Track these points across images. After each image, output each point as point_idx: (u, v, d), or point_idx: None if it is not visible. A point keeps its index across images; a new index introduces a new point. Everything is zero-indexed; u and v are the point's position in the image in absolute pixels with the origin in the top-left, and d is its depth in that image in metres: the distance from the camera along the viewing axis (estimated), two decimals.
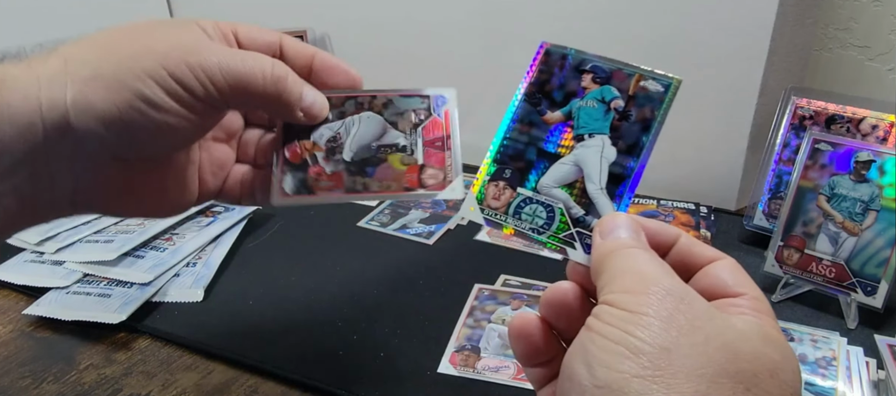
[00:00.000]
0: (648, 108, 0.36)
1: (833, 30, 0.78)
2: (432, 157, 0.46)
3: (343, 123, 0.46)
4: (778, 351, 0.29)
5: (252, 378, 0.55)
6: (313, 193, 0.44)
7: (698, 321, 0.28)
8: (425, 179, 0.45)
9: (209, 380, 0.55)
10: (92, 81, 0.35)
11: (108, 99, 0.35)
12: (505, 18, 0.85)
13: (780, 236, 0.63)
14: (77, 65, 0.36)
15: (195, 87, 0.37)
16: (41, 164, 0.36)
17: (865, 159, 0.59)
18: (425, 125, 0.47)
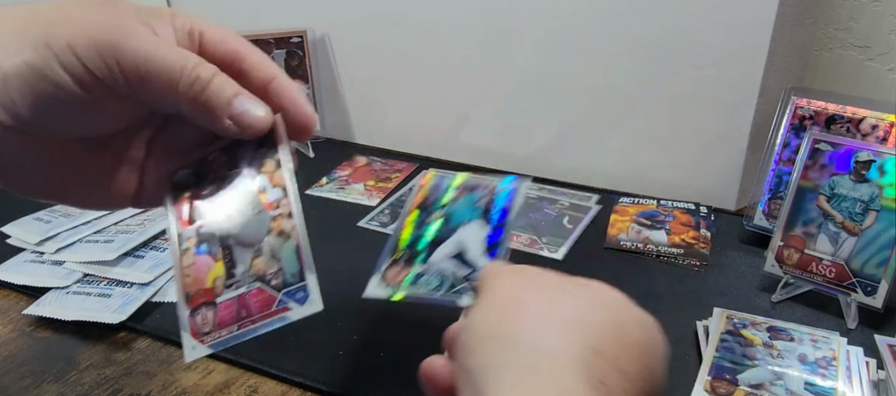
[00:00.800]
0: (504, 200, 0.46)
1: (833, 30, 0.78)
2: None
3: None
4: (632, 308, 0.35)
5: (252, 378, 0.55)
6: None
7: (559, 281, 0.36)
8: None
9: (209, 380, 0.55)
10: (5, 37, 0.34)
11: (8, 59, 0.34)
12: (505, 18, 0.85)
13: (780, 236, 0.63)
14: (5, 20, 0.35)
15: (98, 67, 0.35)
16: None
17: (865, 159, 0.59)
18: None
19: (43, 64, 0.34)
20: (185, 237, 0.39)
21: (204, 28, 0.40)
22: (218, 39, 0.41)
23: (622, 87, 0.81)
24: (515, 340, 0.31)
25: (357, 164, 0.95)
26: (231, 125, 0.38)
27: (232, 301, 0.37)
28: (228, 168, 0.40)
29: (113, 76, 0.35)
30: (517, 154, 0.91)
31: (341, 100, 1.02)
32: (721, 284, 0.66)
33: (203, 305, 0.37)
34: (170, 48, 0.37)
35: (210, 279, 0.37)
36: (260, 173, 0.40)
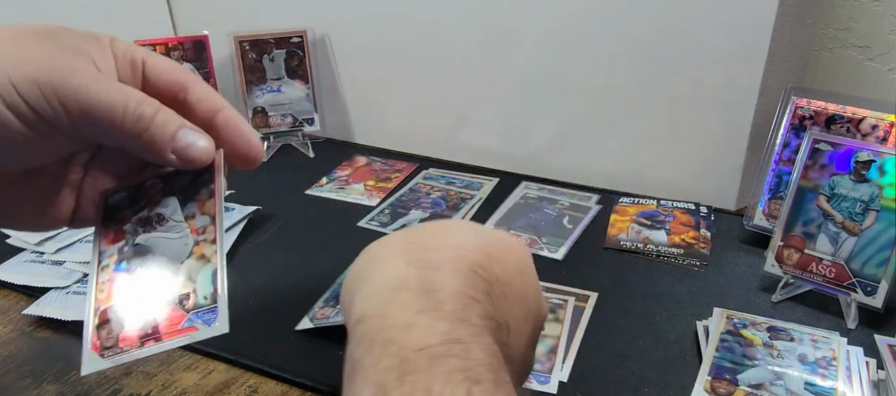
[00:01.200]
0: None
1: (833, 30, 0.78)
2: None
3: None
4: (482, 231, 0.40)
5: (252, 378, 0.55)
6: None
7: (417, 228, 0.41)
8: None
9: (209, 380, 0.55)
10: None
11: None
12: (505, 18, 0.85)
13: (780, 236, 0.63)
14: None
15: (41, 106, 0.34)
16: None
17: (865, 159, 0.59)
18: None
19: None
20: (107, 254, 0.40)
21: (146, 57, 0.40)
22: (162, 69, 0.40)
23: (622, 87, 0.81)
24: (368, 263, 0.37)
25: (357, 164, 0.95)
26: (174, 158, 0.38)
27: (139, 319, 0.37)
28: (163, 194, 0.41)
29: (56, 115, 0.35)
30: (517, 154, 0.91)
31: (341, 100, 1.02)
32: (721, 284, 0.66)
33: (110, 320, 0.37)
34: (112, 85, 0.36)
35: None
36: (193, 200, 0.40)
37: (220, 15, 1.05)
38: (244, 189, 0.83)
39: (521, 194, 0.84)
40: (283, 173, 0.93)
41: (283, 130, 0.99)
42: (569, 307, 0.62)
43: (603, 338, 0.58)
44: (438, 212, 0.80)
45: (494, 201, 0.83)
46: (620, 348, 0.57)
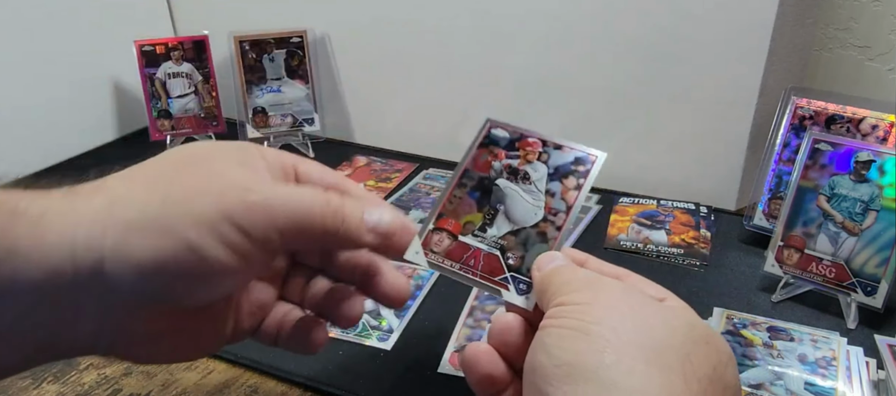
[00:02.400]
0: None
1: (833, 30, 0.78)
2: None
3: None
4: (705, 325, 0.34)
5: (252, 378, 0.55)
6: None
7: (638, 306, 0.33)
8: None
9: (209, 380, 0.55)
10: (136, 225, 0.32)
11: (152, 246, 0.31)
12: (505, 18, 0.85)
13: (780, 236, 0.63)
14: (122, 206, 0.32)
15: (255, 231, 0.33)
16: (66, 304, 0.32)
17: (865, 159, 0.59)
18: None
19: (201, 244, 0.32)
20: (469, 176, 0.43)
21: (297, 163, 0.40)
22: (316, 175, 0.40)
23: (622, 87, 0.81)
24: (600, 377, 0.29)
25: (357, 164, 0.95)
26: (371, 238, 0.38)
27: (468, 247, 0.41)
28: (538, 159, 0.44)
29: (267, 236, 0.33)
30: None
31: (341, 100, 1.02)
32: (721, 284, 0.66)
33: (446, 231, 0.41)
34: (303, 191, 0.36)
35: (464, 219, 0.42)
36: (559, 181, 0.43)
37: (220, 15, 1.05)
38: None
39: None
40: None
41: (283, 131, 0.99)
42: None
43: None
44: None
45: None
46: None
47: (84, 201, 0.33)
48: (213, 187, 0.33)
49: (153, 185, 0.34)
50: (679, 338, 0.32)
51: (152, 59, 0.98)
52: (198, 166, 0.35)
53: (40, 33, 0.93)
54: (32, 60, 0.92)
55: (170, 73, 0.99)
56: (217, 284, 0.34)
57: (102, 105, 1.03)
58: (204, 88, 1.00)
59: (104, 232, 0.31)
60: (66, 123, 0.97)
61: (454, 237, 0.41)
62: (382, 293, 0.41)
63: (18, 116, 0.91)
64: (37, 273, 0.30)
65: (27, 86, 0.92)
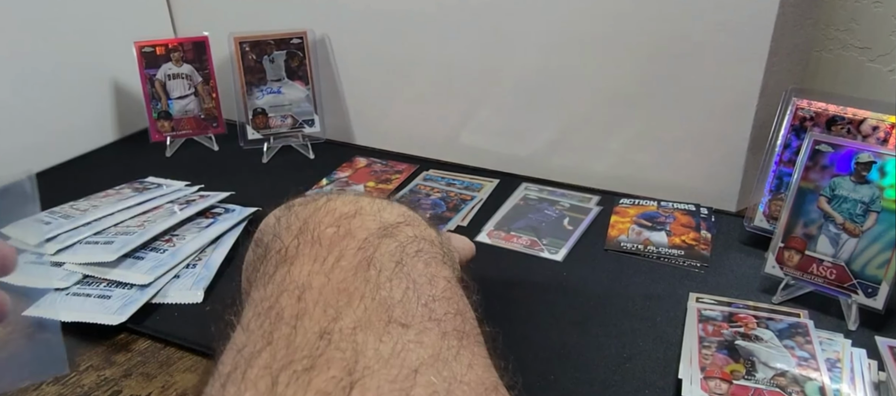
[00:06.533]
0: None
1: (834, 31, 0.78)
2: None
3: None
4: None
5: None
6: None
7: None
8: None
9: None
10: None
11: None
12: (505, 19, 0.85)
13: (781, 237, 0.63)
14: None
15: None
16: None
17: (866, 161, 0.59)
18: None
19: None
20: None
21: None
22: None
23: (622, 88, 0.81)
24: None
25: (357, 165, 0.95)
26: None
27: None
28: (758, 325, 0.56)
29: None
30: (517, 155, 0.91)
31: (341, 101, 1.02)
32: (721, 285, 0.66)
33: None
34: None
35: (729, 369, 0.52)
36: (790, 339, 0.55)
37: (220, 16, 1.05)
38: (244, 190, 0.83)
39: (522, 195, 0.84)
40: (284, 175, 0.93)
41: (283, 132, 0.99)
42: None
43: (604, 339, 0.58)
44: (439, 213, 0.80)
45: (494, 202, 0.83)
46: (621, 349, 0.57)
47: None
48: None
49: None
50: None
51: (152, 60, 0.98)
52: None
53: (40, 34, 0.93)
54: (32, 61, 0.92)
55: (170, 74, 0.99)
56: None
57: (102, 106, 1.03)
58: (204, 89, 1.00)
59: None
60: (65, 124, 0.97)
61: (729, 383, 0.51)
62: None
63: (18, 116, 0.91)
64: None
65: (27, 86, 0.92)
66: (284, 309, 0.29)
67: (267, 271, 0.33)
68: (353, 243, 0.33)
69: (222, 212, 0.78)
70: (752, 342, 0.55)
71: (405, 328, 0.29)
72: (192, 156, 0.99)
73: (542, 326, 0.60)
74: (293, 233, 0.35)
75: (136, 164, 0.94)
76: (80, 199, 0.80)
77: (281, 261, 0.33)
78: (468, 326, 0.32)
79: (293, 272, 0.31)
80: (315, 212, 0.36)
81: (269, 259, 0.34)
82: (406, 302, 0.30)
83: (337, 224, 0.35)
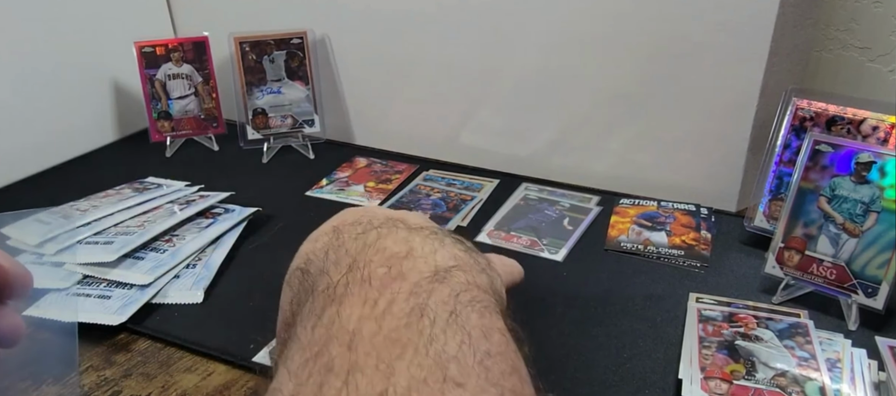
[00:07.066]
0: None
1: (834, 31, 0.78)
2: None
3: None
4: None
5: (252, 380, 0.55)
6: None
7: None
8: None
9: (209, 382, 0.55)
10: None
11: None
12: (505, 19, 0.85)
13: (781, 237, 0.63)
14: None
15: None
16: None
17: (866, 161, 0.59)
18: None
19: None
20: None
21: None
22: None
23: (622, 88, 0.81)
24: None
25: (357, 165, 0.95)
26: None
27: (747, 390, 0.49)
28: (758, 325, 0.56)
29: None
30: (517, 155, 0.91)
31: (341, 101, 1.02)
32: (721, 285, 0.66)
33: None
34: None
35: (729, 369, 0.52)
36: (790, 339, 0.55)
37: (220, 16, 1.05)
38: (244, 190, 0.83)
39: (522, 195, 0.84)
40: (284, 175, 0.93)
41: (283, 132, 0.99)
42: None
43: (604, 339, 0.58)
44: (439, 213, 0.80)
45: (495, 202, 0.83)
46: (621, 349, 0.57)
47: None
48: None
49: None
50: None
51: (152, 60, 0.98)
52: None
53: (40, 34, 0.93)
54: (32, 61, 0.92)
55: (170, 74, 0.99)
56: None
57: (102, 106, 1.03)
58: (204, 89, 1.00)
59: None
60: (65, 124, 0.97)
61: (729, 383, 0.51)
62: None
63: (18, 116, 0.91)
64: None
65: (27, 86, 0.92)
66: (335, 359, 0.28)
67: (314, 309, 0.32)
68: (405, 286, 0.32)
69: (222, 212, 0.78)
70: (752, 343, 0.54)
71: (461, 388, 0.28)
72: (192, 156, 0.99)
73: (542, 326, 0.60)
74: (343, 270, 0.34)
75: (136, 164, 0.94)
76: (80, 199, 0.80)
77: (329, 300, 0.32)
78: (526, 388, 0.31)
79: (343, 315, 0.31)
80: (365, 248, 0.35)
81: (317, 296, 0.34)
82: (461, 358, 0.29)
83: (388, 265, 0.33)
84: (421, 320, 0.30)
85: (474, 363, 0.29)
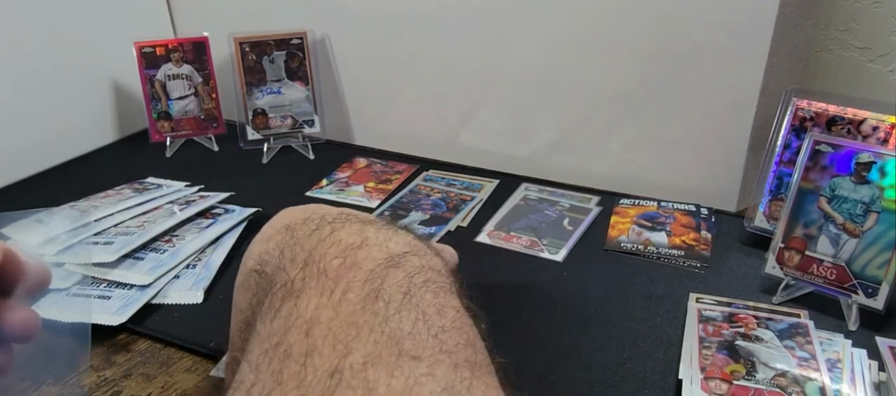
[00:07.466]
0: None
1: (834, 31, 0.78)
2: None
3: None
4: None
5: None
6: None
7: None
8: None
9: (209, 382, 0.55)
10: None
11: None
12: (505, 19, 0.85)
13: (781, 237, 0.63)
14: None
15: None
16: None
17: (866, 161, 0.59)
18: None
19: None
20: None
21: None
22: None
23: (623, 88, 0.81)
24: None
25: (357, 165, 0.95)
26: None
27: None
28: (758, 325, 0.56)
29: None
30: (517, 155, 0.91)
31: (341, 101, 1.02)
32: (721, 286, 0.66)
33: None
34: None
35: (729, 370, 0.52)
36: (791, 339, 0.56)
37: (219, 16, 1.05)
38: (244, 191, 0.83)
39: (522, 195, 0.84)
40: (283, 175, 0.93)
41: (283, 132, 0.99)
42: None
43: (604, 339, 0.58)
44: (438, 213, 0.80)
45: (495, 202, 0.83)
46: (621, 349, 0.57)
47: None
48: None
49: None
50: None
51: (152, 60, 0.98)
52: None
53: (40, 34, 0.93)
54: (32, 61, 0.92)
55: (170, 74, 0.99)
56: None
57: (102, 106, 1.03)
58: (204, 89, 1.00)
59: None
60: (65, 124, 0.97)
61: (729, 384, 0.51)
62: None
63: (18, 116, 0.91)
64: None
65: (27, 86, 0.92)
66: (293, 346, 0.29)
67: (273, 304, 0.33)
68: (360, 274, 0.33)
69: (222, 212, 0.78)
70: (752, 343, 0.54)
71: (416, 360, 0.29)
72: (191, 156, 0.99)
73: (542, 326, 0.60)
74: (299, 265, 0.35)
75: (136, 164, 0.94)
76: (80, 199, 0.80)
77: (287, 294, 0.33)
78: (479, 356, 0.32)
79: (300, 306, 0.31)
80: (320, 243, 0.36)
81: (275, 292, 0.34)
82: (416, 334, 0.30)
83: (343, 256, 0.35)
84: (375, 303, 0.31)
85: (429, 337, 0.30)
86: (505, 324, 0.60)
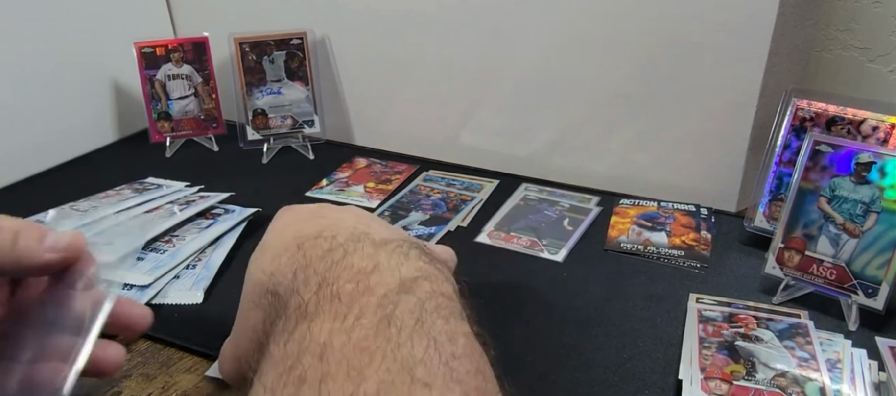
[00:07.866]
0: None
1: (834, 31, 0.78)
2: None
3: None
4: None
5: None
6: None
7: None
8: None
9: (209, 382, 0.55)
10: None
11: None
12: (505, 19, 0.85)
13: (781, 237, 0.63)
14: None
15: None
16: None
17: (866, 161, 0.59)
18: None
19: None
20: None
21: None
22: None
23: (622, 88, 0.81)
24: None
25: (357, 166, 0.95)
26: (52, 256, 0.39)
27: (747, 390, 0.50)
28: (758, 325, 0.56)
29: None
30: (517, 155, 0.91)
31: (341, 101, 1.02)
32: (721, 286, 0.66)
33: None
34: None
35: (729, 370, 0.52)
36: None
37: (219, 16, 1.05)
38: (244, 191, 0.83)
39: (522, 195, 0.84)
40: (283, 175, 0.93)
41: (283, 132, 0.99)
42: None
43: (604, 340, 0.58)
44: (438, 213, 0.80)
45: (495, 202, 0.83)
46: (621, 349, 0.57)
47: None
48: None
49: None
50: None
51: (152, 60, 0.98)
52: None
53: (40, 34, 0.93)
54: (32, 61, 0.92)
55: (170, 74, 0.99)
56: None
57: (102, 106, 1.03)
58: (204, 89, 1.00)
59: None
60: (65, 124, 0.97)
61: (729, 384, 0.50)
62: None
63: (18, 116, 0.91)
64: None
65: (27, 86, 0.92)
66: (307, 370, 0.30)
67: (287, 327, 0.34)
68: (373, 300, 0.34)
69: (222, 213, 0.78)
70: (752, 343, 0.54)
71: (428, 388, 0.29)
72: (191, 156, 0.99)
73: (542, 326, 0.60)
74: (312, 289, 0.36)
75: (136, 164, 0.94)
76: (80, 199, 0.80)
77: (300, 317, 0.34)
78: (489, 384, 0.33)
79: (314, 330, 0.32)
80: (333, 266, 0.37)
81: (289, 315, 0.35)
82: (427, 361, 0.31)
83: (356, 280, 0.35)
84: (388, 328, 0.32)
85: (440, 364, 0.31)
86: (505, 324, 0.60)
